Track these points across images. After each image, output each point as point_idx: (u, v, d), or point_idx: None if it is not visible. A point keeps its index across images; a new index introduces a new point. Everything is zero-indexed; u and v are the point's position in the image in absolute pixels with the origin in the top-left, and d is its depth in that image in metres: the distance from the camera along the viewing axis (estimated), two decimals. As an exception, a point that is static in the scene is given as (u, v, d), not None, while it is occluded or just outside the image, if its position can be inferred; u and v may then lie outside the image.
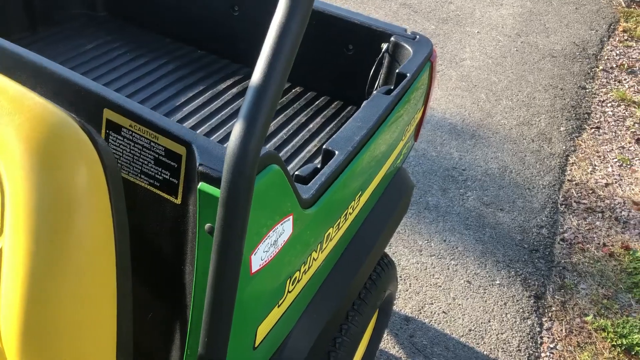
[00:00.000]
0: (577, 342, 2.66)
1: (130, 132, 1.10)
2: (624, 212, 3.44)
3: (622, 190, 3.62)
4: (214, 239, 0.91)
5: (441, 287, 2.81)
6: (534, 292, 2.87)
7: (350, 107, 2.08)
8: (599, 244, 3.20)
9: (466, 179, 3.49)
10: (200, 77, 2.08)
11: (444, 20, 5.23)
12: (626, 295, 2.93)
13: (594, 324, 2.74)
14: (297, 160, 1.80)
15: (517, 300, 2.82)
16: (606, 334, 2.69)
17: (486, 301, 2.78)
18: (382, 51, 1.88)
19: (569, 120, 4.20)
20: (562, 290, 2.91)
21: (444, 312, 2.70)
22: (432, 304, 2.73)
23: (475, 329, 2.65)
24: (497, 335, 2.65)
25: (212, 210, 1.00)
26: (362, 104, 1.53)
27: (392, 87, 1.62)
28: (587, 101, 4.44)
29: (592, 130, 4.15)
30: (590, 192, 3.57)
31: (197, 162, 1.03)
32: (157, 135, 1.07)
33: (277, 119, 1.95)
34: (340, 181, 1.33)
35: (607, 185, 3.65)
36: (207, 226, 1.02)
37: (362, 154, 1.42)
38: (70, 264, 0.94)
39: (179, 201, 1.09)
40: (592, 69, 4.85)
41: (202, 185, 1.01)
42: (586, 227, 3.30)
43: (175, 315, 1.20)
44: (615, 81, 4.75)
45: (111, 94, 1.12)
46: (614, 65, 4.95)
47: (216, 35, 2.19)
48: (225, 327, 0.98)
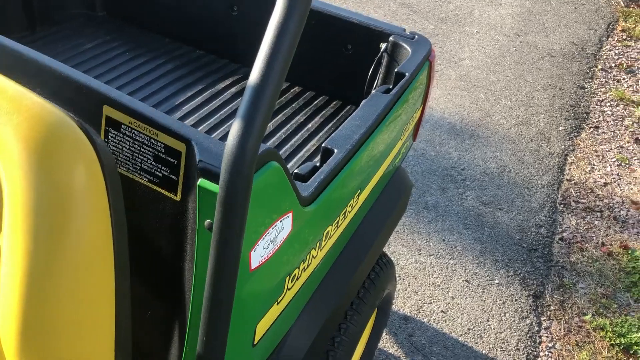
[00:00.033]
0: (576, 341, 2.67)
1: (129, 129, 1.10)
2: (622, 212, 3.44)
3: (620, 189, 3.63)
4: (212, 237, 0.91)
5: (440, 286, 2.82)
6: (532, 292, 2.87)
7: (349, 107, 2.08)
8: (597, 243, 3.21)
9: (465, 179, 3.49)
10: (199, 76, 2.08)
11: (443, 20, 5.23)
12: (625, 294, 2.93)
13: (593, 323, 2.74)
14: (296, 159, 1.80)
15: (515, 299, 2.82)
16: (605, 333, 2.70)
17: (485, 300, 2.79)
18: (381, 51, 1.89)
19: (568, 119, 4.20)
20: (561, 289, 2.91)
21: (442, 311, 2.70)
22: (431, 303, 2.73)
23: (474, 328, 2.66)
24: (495, 334, 2.65)
25: (211, 206, 1.00)
26: (361, 103, 1.53)
27: (390, 87, 1.62)
28: (586, 101, 4.45)
29: (591, 129, 4.16)
30: (589, 191, 3.58)
31: (197, 158, 1.03)
32: (157, 132, 1.07)
33: (276, 119, 1.95)
34: (339, 179, 1.34)
35: (605, 184, 3.65)
36: (207, 222, 1.03)
37: (361, 152, 1.42)
38: (68, 263, 0.94)
39: (178, 198, 1.09)
40: (591, 69, 4.85)
41: (201, 181, 1.02)
42: (585, 227, 3.31)
43: (174, 313, 1.20)
44: (614, 81, 4.75)
45: (111, 91, 1.12)
46: (613, 64, 4.96)
47: (215, 35, 2.19)
48: (223, 324, 0.98)
